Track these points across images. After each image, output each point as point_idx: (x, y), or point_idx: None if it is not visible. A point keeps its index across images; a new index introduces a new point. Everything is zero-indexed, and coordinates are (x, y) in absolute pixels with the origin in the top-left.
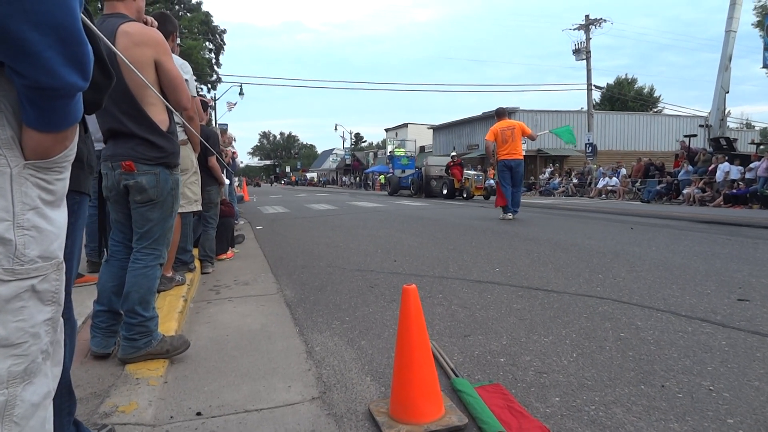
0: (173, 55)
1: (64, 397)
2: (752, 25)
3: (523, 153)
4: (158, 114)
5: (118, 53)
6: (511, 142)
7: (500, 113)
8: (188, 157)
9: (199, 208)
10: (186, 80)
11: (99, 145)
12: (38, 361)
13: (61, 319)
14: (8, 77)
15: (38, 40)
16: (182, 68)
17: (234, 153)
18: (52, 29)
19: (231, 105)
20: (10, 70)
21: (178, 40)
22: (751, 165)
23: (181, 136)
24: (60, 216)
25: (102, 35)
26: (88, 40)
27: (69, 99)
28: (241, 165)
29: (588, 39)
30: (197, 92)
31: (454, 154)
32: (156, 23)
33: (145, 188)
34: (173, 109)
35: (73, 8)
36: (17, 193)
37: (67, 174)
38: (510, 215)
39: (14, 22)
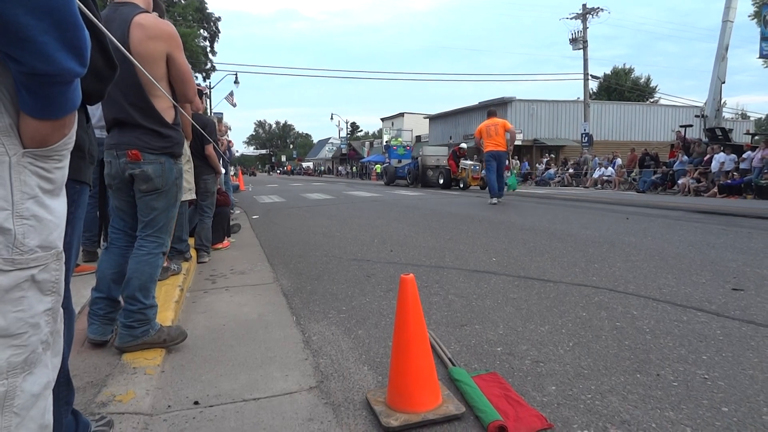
0: None
1: (62, 387)
2: (749, 16)
3: (507, 145)
4: (164, 105)
5: (117, 43)
6: (495, 136)
7: (490, 113)
8: None
9: (194, 196)
10: None
11: (99, 133)
12: (38, 352)
13: (61, 309)
14: (4, 63)
15: (33, 24)
16: None
17: (230, 142)
18: (47, 14)
19: (231, 99)
20: (5, 56)
21: None
22: (744, 155)
23: None
24: (59, 205)
25: (102, 26)
26: (91, 29)
27: (66, 85)
28: (237, 154)
29: (585, 28)
30: None
31: (463, 146)
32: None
33: (151, 177)
34: (176, 102)
35: None
36: (16, 182)
37: (67, 162)
38: (495, 200)
39: (8, 6)
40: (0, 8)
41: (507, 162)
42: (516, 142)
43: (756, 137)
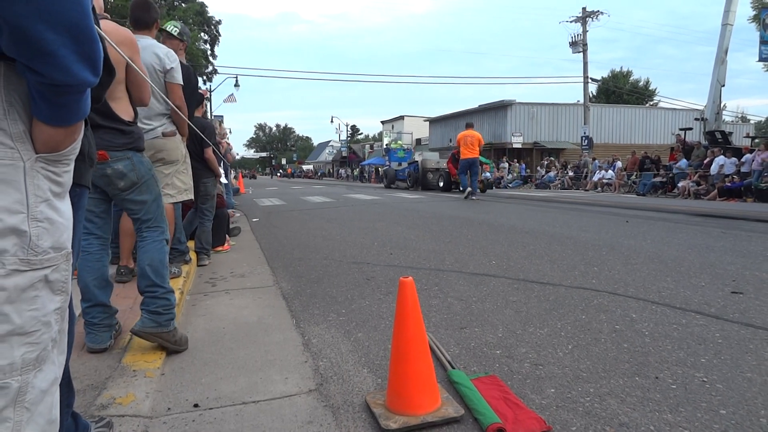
0: (159, 44)
1: (63, 389)
2: (748, 19)
3: (479, 153)
4: (123, 106)
5: (120, 52)
6: (470, 146)
7: (468, 125)
8: (178, 148)
9: (190, 197)
10: (172, 68)
11: None
12: (48, 349)
13: (70, 308)
14: (18, 72)
15: (53, 39)
16: (168, 56)
17: (228, 144)
18: (66, 28)
19: (231, 98)
20: (24, 67)
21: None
22: (743, 159)
23: (170, 127)
24: (67, 207)
25: (104, 34)
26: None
27: (80, 94)
28: (237, 157)
29: (585, 31)
30: None
31: None
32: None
33: (125, 173)
34: (133, 105)
35: (86, 7)
36: (31, 186)
37: (72, 166)
38: (472, 196)
39: (30, 22)
40: (22, 23)
41: (479, 163)
42: (516, 145)
43: (756, 140)
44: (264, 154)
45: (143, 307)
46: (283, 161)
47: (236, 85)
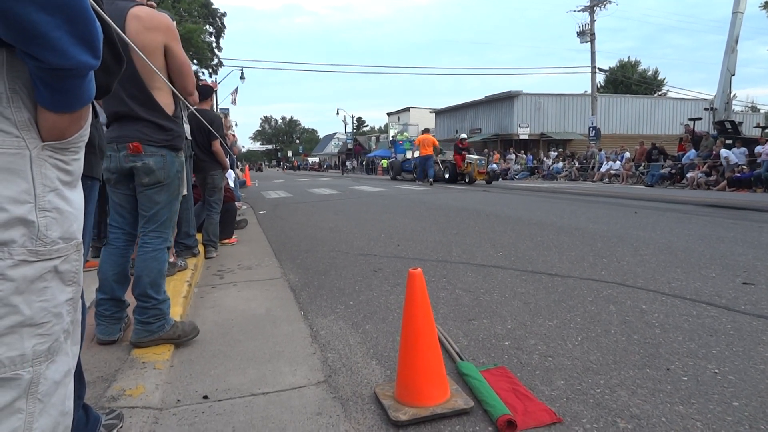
0: None
1: (75, 381)
2: (760, 6)
3: (432, 151)
4: (164, 98)
5: (125, 37)
6: (427, 146)
7: (425, 131)
8: None
9: (185, 192)
10: None
11: None
12: (60, 340)
13: (80, 299)
14: (20, 59)
15: (45, 20)
16: None
17: (234, 137)
18: (58, 9)
19: (234, 94)
20: (21, 52)
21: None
22: (759, 149)
23: None
24: (77, 197)
25: (111, 20)
26: (98, 22)
27: (81, 78)
28: (243, 150)
29: (592, 21)
30: (197, 76)
31: (464, 136)
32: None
33: (153, 169)
34: (180, 95)
35: None
36: (37, 175)
37: (83, 154)
38: (422, 182)
39: (19, 4)
40: (10, 6)
41: (434, 160)
42: (523, 136)
43: (766, 130)
44: (270, 147)
45: (135, 315)
46: (289, 154)
47: (242, 77)
